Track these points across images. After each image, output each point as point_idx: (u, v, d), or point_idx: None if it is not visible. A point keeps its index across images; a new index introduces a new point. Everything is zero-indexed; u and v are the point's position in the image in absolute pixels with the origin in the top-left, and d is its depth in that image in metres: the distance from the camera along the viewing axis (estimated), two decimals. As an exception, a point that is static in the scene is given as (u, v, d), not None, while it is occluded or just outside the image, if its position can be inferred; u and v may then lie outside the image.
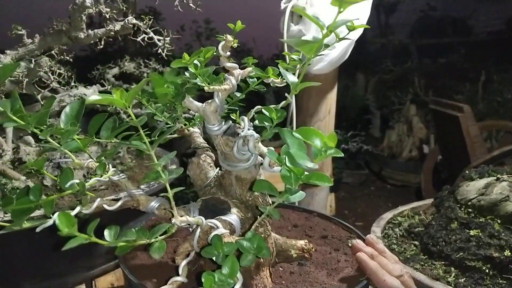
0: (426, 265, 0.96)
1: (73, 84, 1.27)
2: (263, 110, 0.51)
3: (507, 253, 0.88)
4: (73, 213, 0.45)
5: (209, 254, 0.46)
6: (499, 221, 0.94)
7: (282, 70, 0.53)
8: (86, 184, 0.47)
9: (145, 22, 1.14)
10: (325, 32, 0.40)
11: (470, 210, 1.00)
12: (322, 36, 0.40)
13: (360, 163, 3.59)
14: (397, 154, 3.40)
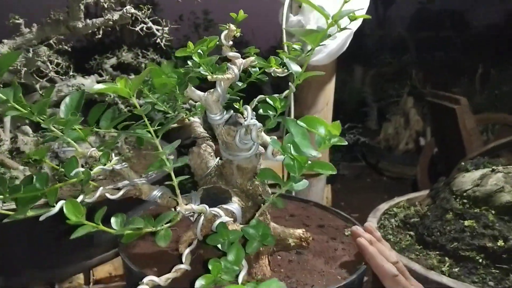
0: (421, 255, 0.98)
1: (71, 74, 1.26)
2: (267, 99, 0.52)
3: (501, 243, 0.90)
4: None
5: (214, 241, 0.46)
6: (494, 211, 0.96)
7: (285, 59, 0.53)
8: (91, 172, 0.48)
9: (143, 11, 1.14)
10: (330, 21, 0.40)
11: (465, 201, 1.02)
12: (327, 25, 0.40)
13: (356, 155, 3.60)
14: (393, 146, 3.41)
